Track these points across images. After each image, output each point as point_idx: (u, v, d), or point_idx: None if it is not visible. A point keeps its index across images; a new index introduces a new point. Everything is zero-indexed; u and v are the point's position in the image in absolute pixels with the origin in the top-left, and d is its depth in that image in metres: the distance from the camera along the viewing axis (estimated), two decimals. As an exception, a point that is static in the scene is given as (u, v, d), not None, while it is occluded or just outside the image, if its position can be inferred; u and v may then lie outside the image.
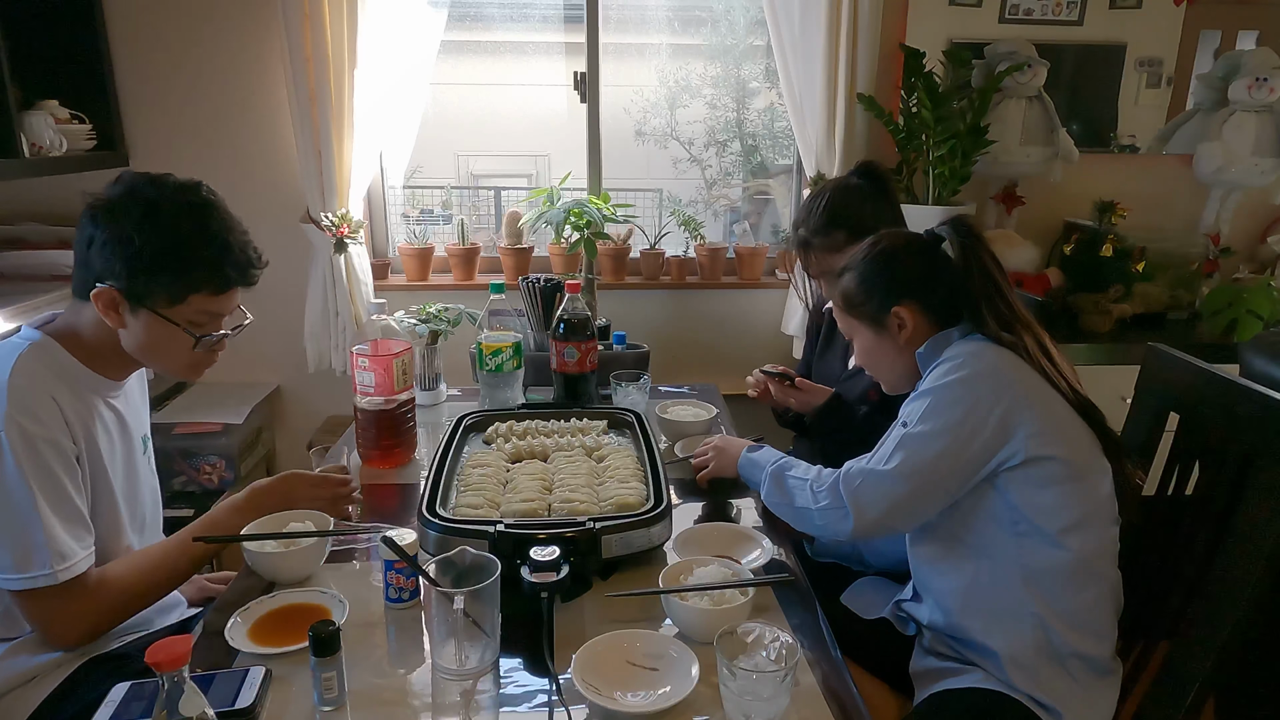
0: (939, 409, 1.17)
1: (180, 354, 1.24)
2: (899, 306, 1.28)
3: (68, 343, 1.22)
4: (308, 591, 1.18)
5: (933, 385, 1.19)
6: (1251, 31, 2.68)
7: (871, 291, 1.30)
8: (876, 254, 1.32)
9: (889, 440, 1.21)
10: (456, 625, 0.99)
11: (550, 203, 2.41)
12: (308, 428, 2.70)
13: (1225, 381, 1.24)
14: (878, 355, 1.34)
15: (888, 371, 1.36)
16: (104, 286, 1.16)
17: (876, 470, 1.19)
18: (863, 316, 1.33)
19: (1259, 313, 2.35)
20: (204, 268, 1.19)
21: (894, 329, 1.29)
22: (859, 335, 1.36)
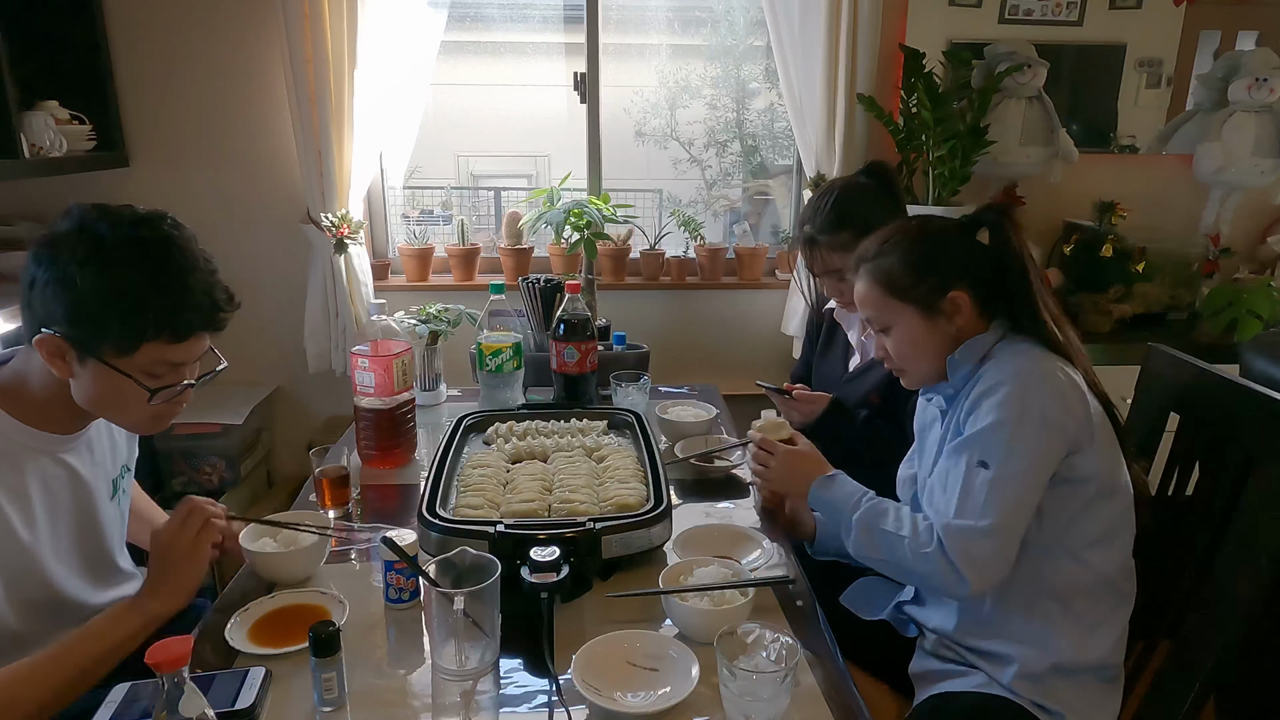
0: (1023, 445, 1.10)
1: (135, 408, 1.09)
2: (956, 291, 1.20)
3: (10, 397, 1.10)
4: (307, 592, 1.18)
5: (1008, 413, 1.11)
6: (1251, 32, 2.68)
7: (924, 273, 1.20)
8: (924, 234, 1.24)
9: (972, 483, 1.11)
10: (456, 626, 0.99)
11: (550, 203, 2.41)
12: (308, 428, 2.70)
13: (1225, 381, 1.24)
14: (924, 344, 1.23)
15: (929, 362, 1.24)
16: (48, 333, 1.03)
17: (979, 528, 1.10)
18: (912, 300, 1.21)
19: (1259, 313, 2.35)
20: (157, 314, 1.04)
21: (948, 315, 1.21)
22: (903, 322, 1.23)
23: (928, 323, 1.22)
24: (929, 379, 1.27)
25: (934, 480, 1.21)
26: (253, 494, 2.58)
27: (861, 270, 1.27)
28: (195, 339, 1.10)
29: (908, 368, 1.27)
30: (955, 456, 1.15)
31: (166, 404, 1.12)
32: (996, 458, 1.10)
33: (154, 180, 2.52)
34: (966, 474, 1.12)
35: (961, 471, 1.13)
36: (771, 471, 1.37)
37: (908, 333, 1.23)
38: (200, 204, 2.56)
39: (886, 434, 1.60)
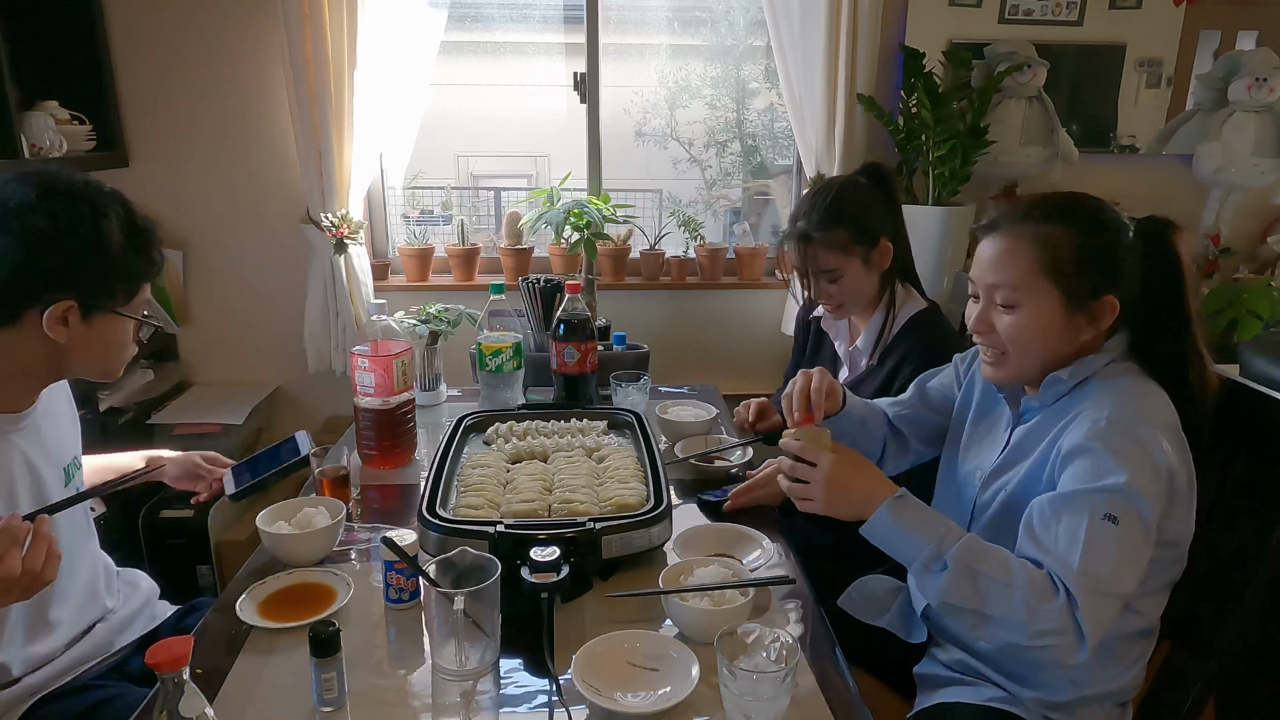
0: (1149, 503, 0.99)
1: (123, 349, 1.20)
2: (1111, 296, 1.07)
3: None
4: (315, 571, 1.23)
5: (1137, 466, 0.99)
6: (1251, 32, 2.68)
7: (1094, 264, 1.06)
8: (1105, 221, 1.09)
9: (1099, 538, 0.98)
10: (456, 626, 0.99)
11: (550, 203, 2.41)
12: (308, 428, 2.70)
13: (1225, 381, 1.24)
14: (1049, 338, 1.09)
15: (1040, 359, 1.11)
16: (57, 305, 1.08)
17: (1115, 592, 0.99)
18: (1066, 288, 1.06)
19: (1259, 313, 2.35)
20: (154, 253, 1.18)
21: (1090, 318, 1.08)
22: (1040, 306, 1.07)
23: (1066, 317, 1.07)
24: (1027, 377, 1.14)
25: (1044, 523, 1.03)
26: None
27: (1012, 228, 1.10)
28: None
29: (1015, 356, 1.11)
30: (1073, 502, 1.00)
31: (136, 343, 1.22)
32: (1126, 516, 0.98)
33: (154, 180, 2.52)
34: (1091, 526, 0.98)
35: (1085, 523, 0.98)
36: (815, 488, 1.11)
37: (1039, 320, 1.08)
38: (200, 204, 2.56)
39: None
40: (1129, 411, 1.03)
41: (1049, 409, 1.14)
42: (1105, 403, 1.05)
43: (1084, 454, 1.02)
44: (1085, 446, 1.02)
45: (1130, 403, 1.05)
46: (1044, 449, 1.10)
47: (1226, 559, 1.16)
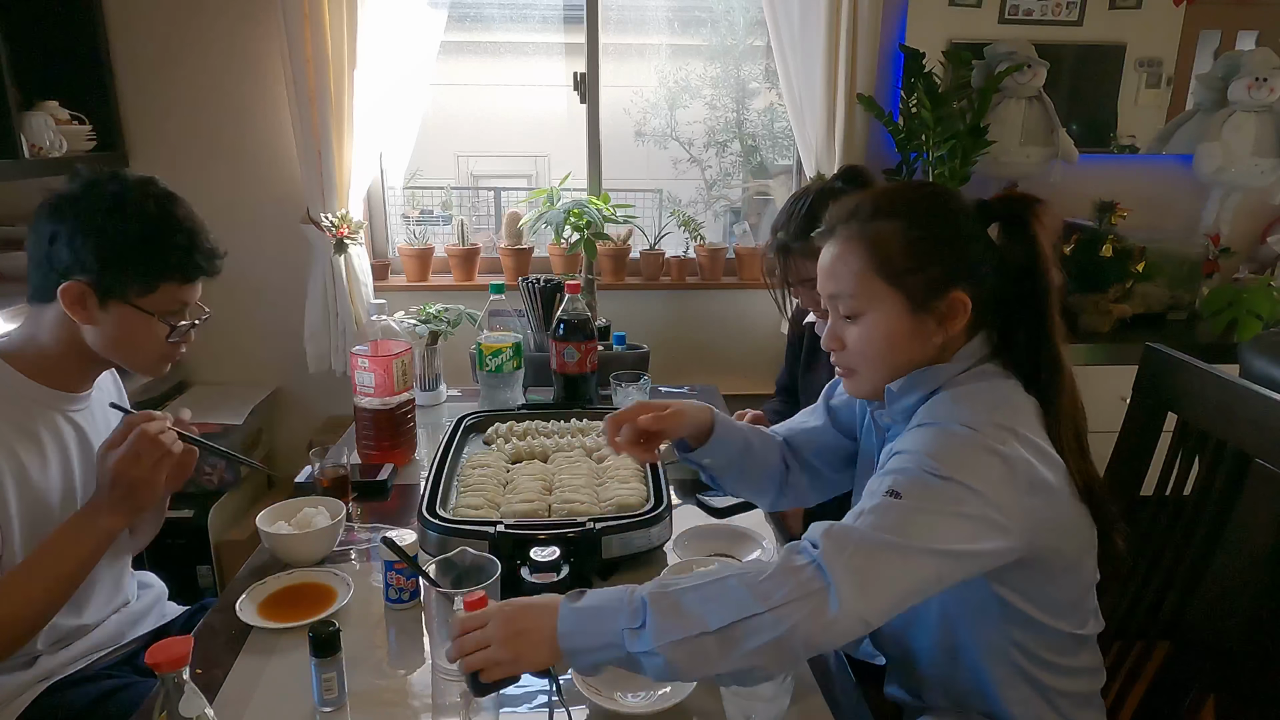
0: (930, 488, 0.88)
1: (152, 346, 1.20)
2: (959, 291, 0.95)
3: (16, 358, 1.17)
4: (315, 571, 1.23)
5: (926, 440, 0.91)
6: (1251, 32, 2.68)
7: (931, 258, 0.95)
8: (942, 208, 0.98)
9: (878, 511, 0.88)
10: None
11: (550, 203, 2.41)
12: (308, 428, 2.70)
13: (1225, 381, 1.24)
14: (898, 345, 0.98)
15: (890, 370, 1.00)
16: (72, 281, 1.12)
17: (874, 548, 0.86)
18: (905, 288, 0.96)
19: (1259, 313, 2.35)
20: (175, 253, 1.16)
21: (940, 319, 0.97)
22: (882, 312, 0.97)
23: (913, 321, 0.97)
24: (878, 391, 1.03)
25: None
26: (253, 494, 2.58)
27: (842, 231, 1.00)
28: (198, 283, 1.22)
29: (866, 369, 1.02)
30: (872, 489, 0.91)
31: (172, 345, 1.22)
32: (911, 491, 0.87)
33: (154, 180, 2.52)
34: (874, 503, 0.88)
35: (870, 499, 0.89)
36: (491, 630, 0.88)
37: (884, 326, 0.98)
38: (200, 204, 2.51)
39: None
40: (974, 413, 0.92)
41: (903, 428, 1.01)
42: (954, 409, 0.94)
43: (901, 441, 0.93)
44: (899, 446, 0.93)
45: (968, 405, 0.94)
46: None
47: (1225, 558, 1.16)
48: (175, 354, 1.24)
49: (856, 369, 1.03)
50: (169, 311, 1.19)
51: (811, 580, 0.83)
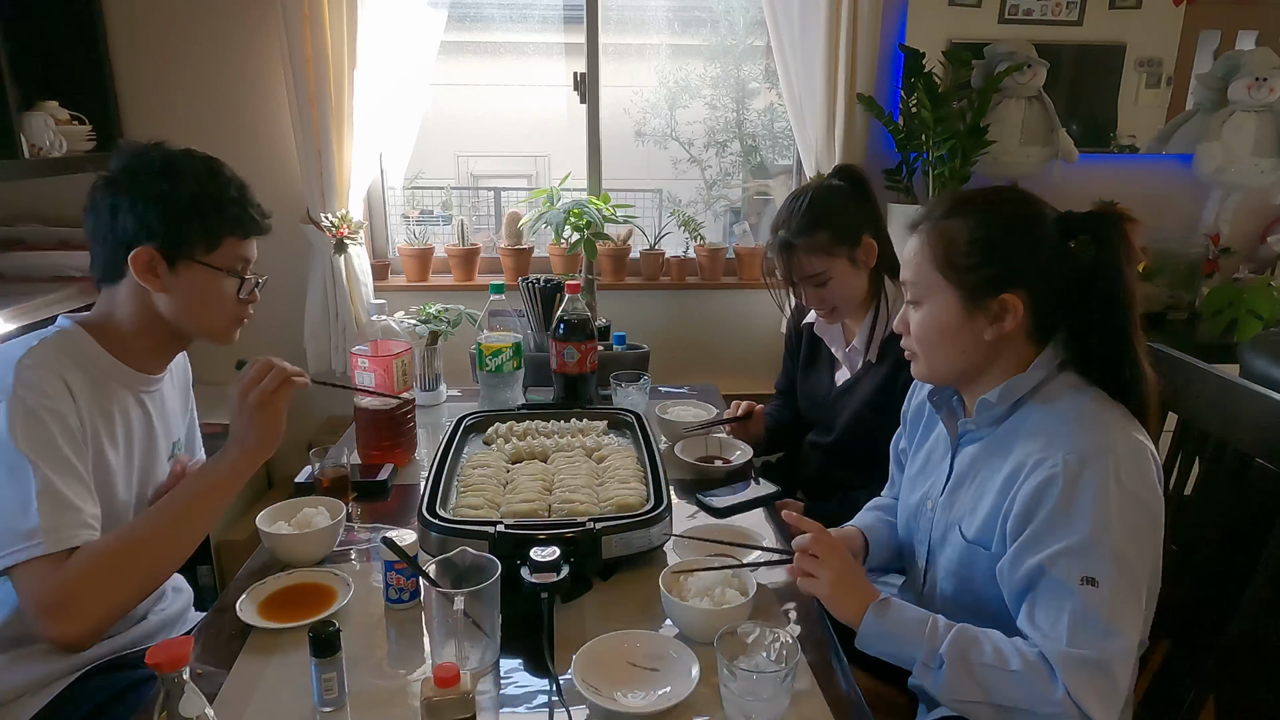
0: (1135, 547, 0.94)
1: (223, 305, 1.24)
2: (1011, 293, 1.00)
3: (98, 333, 1.21)
4: (315, 571, 1.23)
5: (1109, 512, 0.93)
6: (1251, 31, 2.68)
7: (989, 258, 1.00)
8: (1015, 213, 1.03)
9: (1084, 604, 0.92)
10: (456, 626, 0.99)
11: (550, 203, 2.41)
12: (308, 428, 2.70)
13: (1225, 381, 1.24)
14: (949, 337, 1.04)
15: (948, 360, 1.07)
16: (140, 248, 1.16)
17: (1104, 661, 0.91)
18: (960, 283, 1.02)
19: (1259, 313, 2.35)
20: (231, 207, 1.22)
21: (992, 317, 1.02)
22: (938, 302, 1.04)
23: (965, 315, 1.03)
24: (941, 378, 1.11)
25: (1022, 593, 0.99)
26: (253, 493, 2.58)
27: (923, 224, 1.07)
28: (253, 239, 1.28)
29: (922, 354, 1.09)
30: (1046, 575, 0.95)
31: (241, 304, 1.27)
32: (1106, 571, 0.92)
33: (154, 180, 2.52)
34: (1074, 594, 0.93)
35: (1065, 592, 0.93)
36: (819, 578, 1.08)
37: (938, 317, 1.05)
38: (200, 204, 2.55)
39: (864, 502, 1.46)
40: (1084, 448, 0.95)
41: (990, 436, 1.08)
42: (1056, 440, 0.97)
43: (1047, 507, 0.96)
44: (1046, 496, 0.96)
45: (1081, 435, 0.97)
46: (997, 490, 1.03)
47: (1225, 558, 1.16)
48: (244, 315, 1.30)
49: (916, 353, 1.11)
50: (234, 268, 1.24)
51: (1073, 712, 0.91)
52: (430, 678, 0.87)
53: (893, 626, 1.01)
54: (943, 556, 1.16)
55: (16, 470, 1.05)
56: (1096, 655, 0.91)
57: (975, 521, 1.08)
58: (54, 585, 1.03)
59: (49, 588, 1.03)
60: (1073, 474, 0.95)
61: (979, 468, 1.10)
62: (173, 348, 1.30)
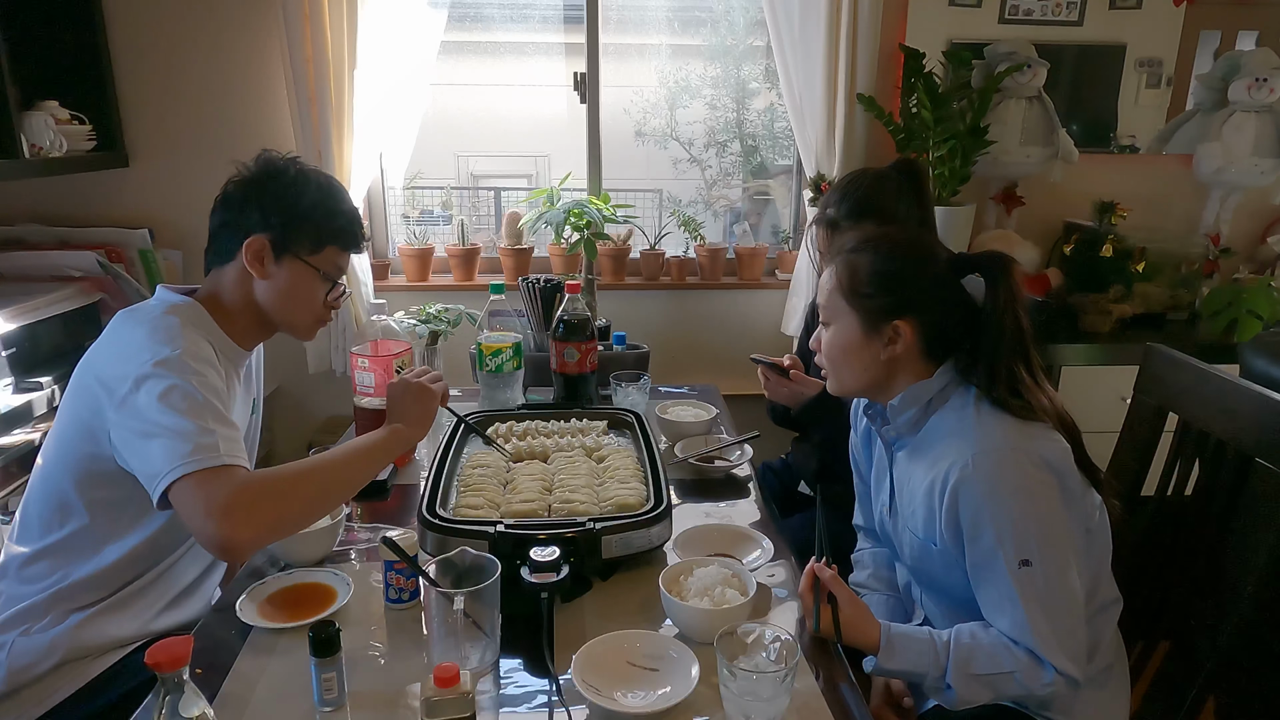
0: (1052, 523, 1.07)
1: (312, 303, 1.35)
2: (903, 320, 1.15)
3: (211, 306, 1.32)
4: (315, 571, 1.23)
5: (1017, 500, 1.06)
6: (1251, 32, 2.68)
7: (887, 289, 1.15)
8: (910, 253, 1.18)
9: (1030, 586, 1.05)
10: (456, 626, 0.99)
11: (550, 203, 2.41)
12: (308, 428, 2.70)
13: (1225, 381, 1.24)
14: (851, 356, 1.20)
15: (851, 377, 1.22)
16: (254, 236, 1.28)
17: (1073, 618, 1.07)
18: (860, 309, 1.17)
19: (1259, 313, 2.35)
20: (343, 222, 1.35)
21: (885, 339, 1.17)
22: (841, 324, 1.20)
23: (864, 337, 1.18)
24: (848, 391, 1.25)
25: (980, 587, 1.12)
26: (253, 494, 2.58)
27: (835, 257, 1.22)
28: (350, 253, 1.39)
29: (831, 370, 1.24)
30: (989, 567, 1.08)
31: (326, 309, 1.38)
32: (1033, 551, 1.05)
33: (154, 180, 2.52)
34: (1017, 581, 1.06)
35: (1009, 580, 1.06)
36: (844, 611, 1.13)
37: (842, 337, 1.20)
38: (200, 204, 2.51)
39: None
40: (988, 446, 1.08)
41: (913, 441, 1.20)
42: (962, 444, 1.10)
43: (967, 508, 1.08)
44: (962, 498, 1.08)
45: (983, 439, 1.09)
46: (924, 493, 1.15)
47: (1226, 558, 1.16)
48: (326, 319, 1.40)
49: (826, 369, 1.25)
50: (329, 271, 1.35)
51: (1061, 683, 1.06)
52: (430, 678, 0.88)
53: (898, 662, 1.10)
54: (907, 556, 1.25)
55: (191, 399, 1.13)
56: (1053, 624, 1.05)
57: (918, 523, 1.19)
58: (231, 490, 1.08)
59: (226, 492, 1.07)
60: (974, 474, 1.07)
61: (911, 472, 1.20)
62: (262, 333, 1.40)
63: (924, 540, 1.18)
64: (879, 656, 1.10)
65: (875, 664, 1.10)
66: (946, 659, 1.08)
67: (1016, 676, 1.06)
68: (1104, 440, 1.47)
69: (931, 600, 1.27)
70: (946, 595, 1.22)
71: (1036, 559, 1.05)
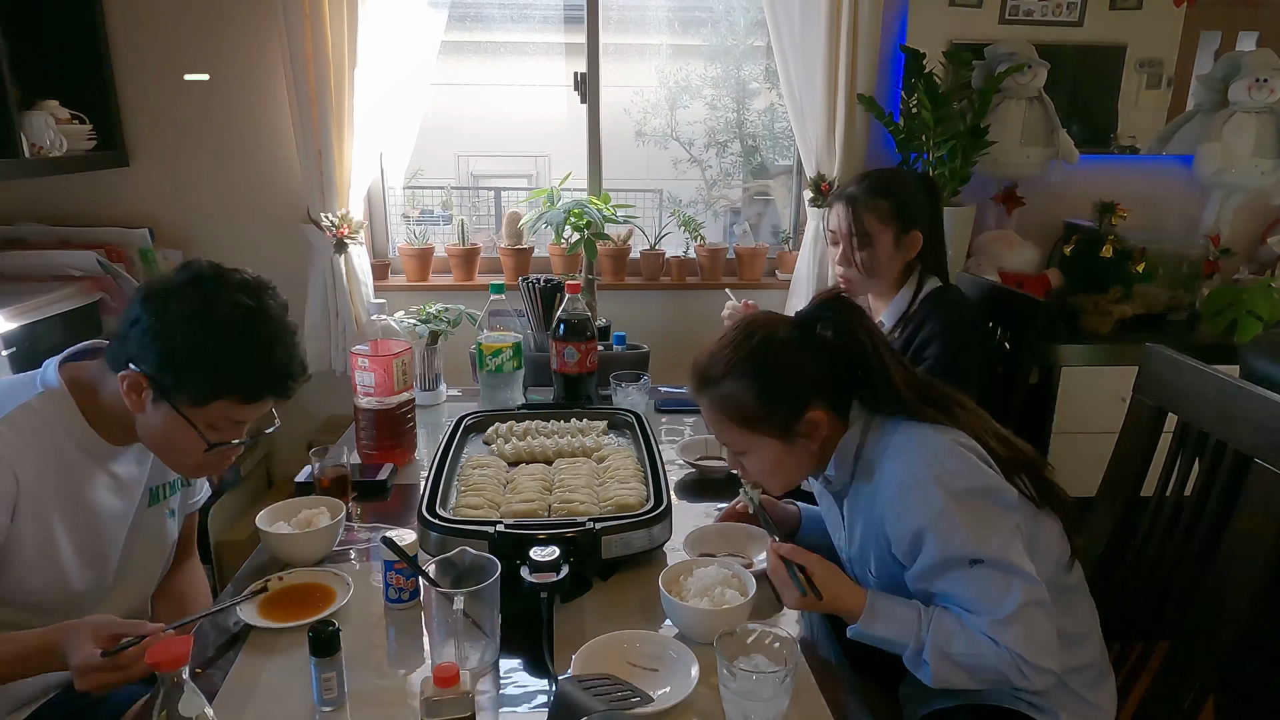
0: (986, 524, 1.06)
1: (189, 454, 1.17)
2: (811, 410, 1.13)
3: (83, 397, 1.18)
4: (315, 571, 1.23)
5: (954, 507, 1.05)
6: (1252, 32, 2.68)
7: (776, 399, 1.13)
8: (762, 355, 1.14)
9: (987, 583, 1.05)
10: (456, 626, 0.99)
11: (550, 203, 2.41)
12: (308, 428, 2.70)
13: (1224, 382, 1.24)
14: (786, 466, 1.18)
15: (791, 478, 1.21)
16: (133, 370, 1.11)
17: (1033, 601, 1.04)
18: (766, 429, 1.14)
19: (1259, 314, 2.35)
20: (237, 376, 1.12)
21: (806, 434, 1.14)
22: (759, 448, 1.16)
23: (786, 447, 1.15)
24: (795, 485, 1.25)
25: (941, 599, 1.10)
26: (253, 493, 2.58)
27: (704, 397, 1.17)
28: (263, 403, 1.17)
29: (771, 483, 1.23)
30: (946, 576, 1.07)
31: (216, 458, 1.18)
32: (979, 550, 1.04)
33: (154, 180, 2.52)
34: (973, 582, 1.05)
35: (964, 583, 1.06)
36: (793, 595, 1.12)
37: (767, 458, 1.17)
38: (200, 204, 2.55)
39: None
40: (913, 463, 1.08)
41: (851, 487, 1.19)
42: (892, 471, 1.10)
43: (910, 533, 1.07)
44: (902, 521, 1.08)
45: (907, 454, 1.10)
46: (873, 538, 1.15)
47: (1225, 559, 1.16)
48: (217, 467, 1.22)
49: (764, 483, 1.24)
50: (214, 427, 1.15)
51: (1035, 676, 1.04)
52: (430, 677, 0.88)
53: (881, 631, 1.08)
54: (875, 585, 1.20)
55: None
56: (1011, 609, 1.03)
57: (872, 564, 1.18)
58: None
59: None
60: (914, 504, 1.07)
61: (857, 511, 1.19)
62: None
63: (883, 578, 1.17)
64: (861, 621, 1.08)
65: (857, 629, 1.09)
66: (926, 636, 1.06)
67: (993, 664, 1.04)
68: (1104, 441, 1.48)
69: None
70: None
71: (984, 555, 1.04)
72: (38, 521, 1.13)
